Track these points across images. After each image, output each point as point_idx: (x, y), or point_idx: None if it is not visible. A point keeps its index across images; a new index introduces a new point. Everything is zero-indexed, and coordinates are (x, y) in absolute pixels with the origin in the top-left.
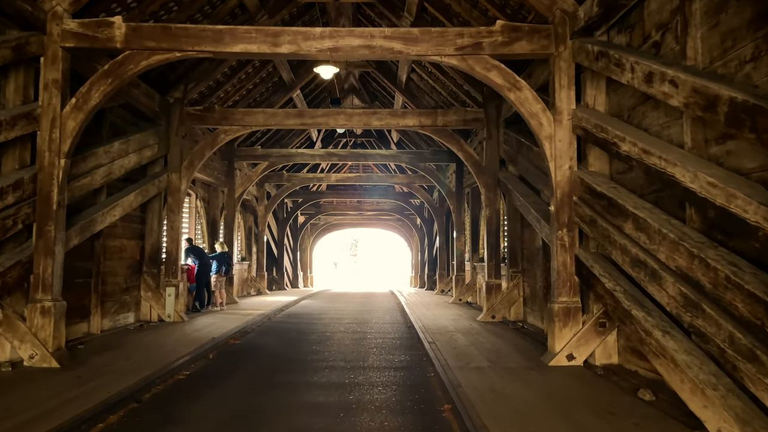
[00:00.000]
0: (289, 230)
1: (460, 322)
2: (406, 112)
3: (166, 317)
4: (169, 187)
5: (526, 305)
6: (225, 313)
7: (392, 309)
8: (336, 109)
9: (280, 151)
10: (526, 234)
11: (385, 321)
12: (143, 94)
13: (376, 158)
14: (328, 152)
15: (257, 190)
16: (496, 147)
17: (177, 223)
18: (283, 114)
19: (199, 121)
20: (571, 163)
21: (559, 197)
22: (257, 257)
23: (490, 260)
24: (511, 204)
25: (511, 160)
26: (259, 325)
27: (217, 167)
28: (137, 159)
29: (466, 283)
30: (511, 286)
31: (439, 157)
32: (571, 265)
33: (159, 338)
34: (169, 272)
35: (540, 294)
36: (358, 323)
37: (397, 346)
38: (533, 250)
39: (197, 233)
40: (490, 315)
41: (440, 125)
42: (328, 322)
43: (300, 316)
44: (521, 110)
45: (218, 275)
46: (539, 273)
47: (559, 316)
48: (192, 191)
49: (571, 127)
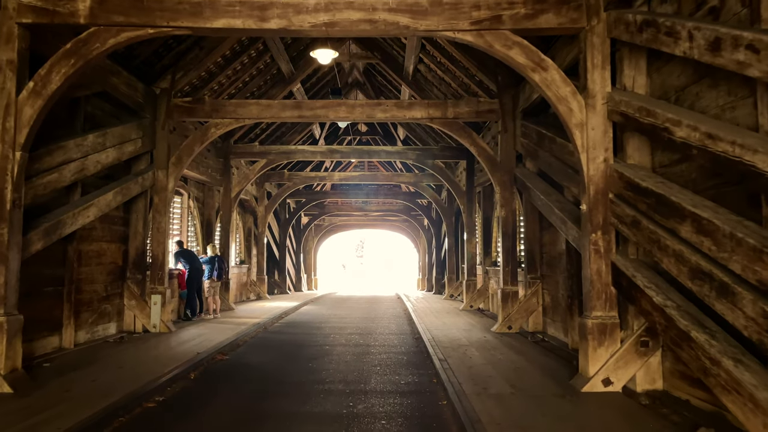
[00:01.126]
0: (292, 231)
1: (473, 334)
2: (413, 103)
3: (151, 327)
4: (155, 186)
5: (545, 315)
6: (218, 321)
7: (398, 316)
8: (337, 100)
9: (279, 147)
10: (545, 236)
11: (391, 331)
12: (124, 83)
13: (382, 155)
14: (330, 149)
15: (257, 189)
16: (512, 141)
17: (164, 224)
18: (279, 106)
19: (188, 114)
20: (607, 154)
21: (593, 195)
22: (257, 260)
23: (505, 265)
24: (529, 203)
25: (530, 154)
26: (253, 336)
27: (212, 165)
28: (117, 154)
29: (477, 288)
30: (528, 294)
31: (449, 153)
32: (606, 273)
33: (138, 353)
34: (155, 278)
35: (563, 303)
36: (362, 334)
37: (404, 364)
38: (554, 255)
39: (190, 236)
40: (506, 325)
41: (451, 117)
42: (329, 333)
43: (299, 325)
44: (547, 94)
45: (211, 281)
46: (562, 280)
47: (594, 334)
48: (184, 190)
49: (606, 112)
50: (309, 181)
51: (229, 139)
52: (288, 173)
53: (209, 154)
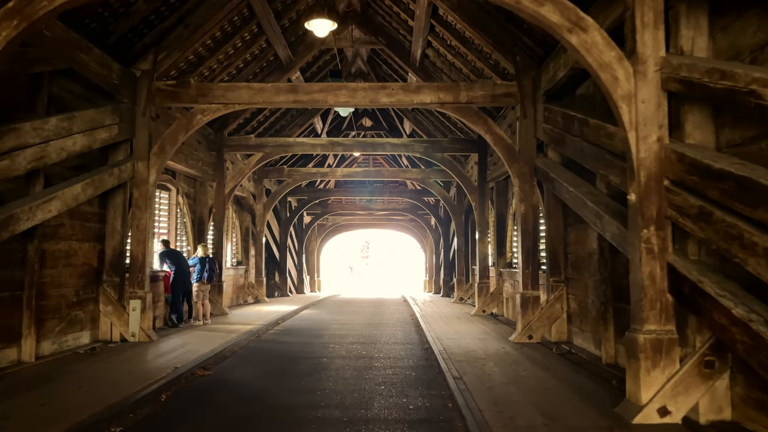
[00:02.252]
0: (294, 231)
1: (489, 343)
2: (421, 86)
3: (129, 336)
4: (134, 178)
5: (571, 323)
6: (207, 328)
7: (405, 322)
8: (337, 83)
9: (276, 140)
10: (571, 234)
11: (397, 340)
12: (95, 62)
13: (387, 148)
14: (331, 141)
15: (254, 186)
16: (532, 128)
17: (144, 221)
18: (272, 89)
19: (172, 99)
20: (661, 132)
21: (644, 181)
22: (255, 261)
23: (525, 267)
24: (552, 197)
25: (555, 141)
26: (243, 346)
27: (203, 158)
28: (87, 141)
29: (490, 291)
30: (551, 300)
31: (459, 146)
32: (662, 278)
33: (107, 368)
34: (135, 281)
35: (593, 311)
36: (365, 343)
37: (412, 382)
38: (582, 255)
39: (179, 235)
40: (525, 334)
41: (464, 102)
42: (328, 342)
43: (296, 333)
44: (587, 60)
45: (200, 283)
46: (592, 284)
47: (646, 352)
48: (172, 185)
49: (660, 81)
50: (310, 178)
51: (222, 131)
52: (288, 169)
53: (200, 147)
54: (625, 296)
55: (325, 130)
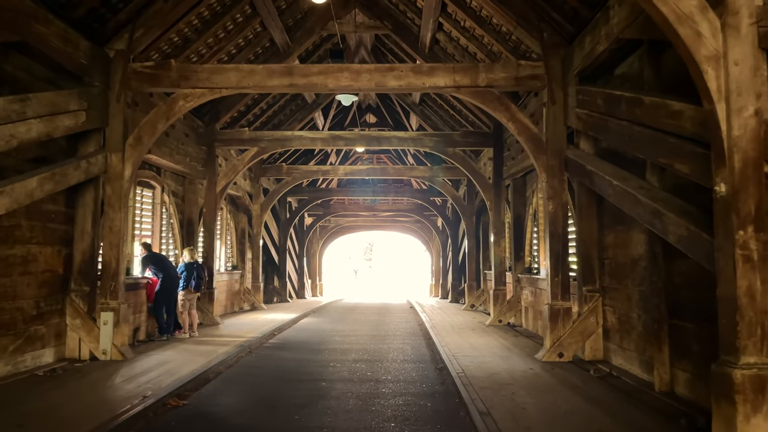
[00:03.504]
0: (294, 233)
1: (513, 362)
2: (435, 67)
3: (100, 354)
4: (107, 173)
5: (608, 339)
6: (193, 341)
7: (413, 333)
8: (338, 65)
9: (273, 134)
10: (608, 237)
11: (406, 356)
12: (57, 36)
13: (393, 142)
14: (332, 135)
15: (251, 185)
16: (561, 115)
17: (118, 222)
18: (264, 72)
19: (150, 82)
20: (760, 104)
21: (739, 168)
22: (251, 265)
23: (554, 274)
24: (584, 195)
25: (594, 128)
26: (231, 364)
27: (192, 153)
28: (45, 128)
29: (507, 299)
30: (585, 312)
31: (472, 140)
32: (764, 294)
33: (62, 397)
34: (106, 291)
35: (639, 326)
36: (370, 361)
37: (429, 417)
38: (624, 261)
39: (166, 237)
40: (555, 352)
41: (483, 85)
42: (328, 360)
43: (292, 347)
44: (660, 10)
45: (186, 291)
46: (638, 295)
47: (744, 392)
48: (156, 182)
49: (757, 36)
50: (311, 176)
51: (213, 124)
52: (287, 167)
53: (188, 140)
54: (687, 312)
55: (327, 126)
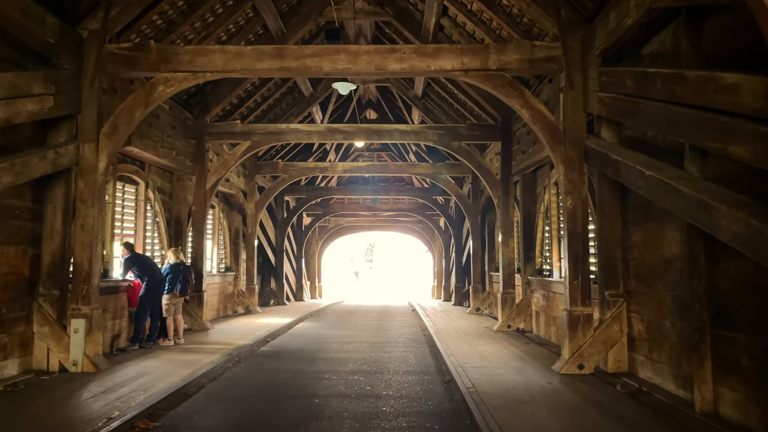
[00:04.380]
0: (292, 233)
1: (528, 375)
2: (441, 48)
3: (70, 365)
4: (79, 165)
5: (634, 350)
6: (179, 349)
7: (416, 340)
8: (334, 46)
9: (266, 126)
10: (635, 235)
11: (409, 367)
12: (17, 10)
13: (395, 135)
14: (330, 128)
15: (245, 182)
16: (581, 100)
17: (92, 220)
18: (252, 54)
19: (127, 65)
20: None
21: None
22: (246, 266)
23: (573, 277)
24: (605, 189)
25: (622, 112)
26: (217, 376)
27: (180, 147)
28: (4, 113)
29: (516, 303)
30: (608, 319)
31: (479, 133)
32: None
33: (13, 416)
34: (78, 295)
35: (673, 337)
36: (369, 373)
37: None
38: (653, 262)
39: (151, 237)
40: (575, 363)
41: (493, 68)
42: (324, 370)
43: (286, 355)
44: None
45: (171, 295)
46: (672, 300)
47: None
48: (139, 178)
49: None
50: (308, 173)
51: (203, 117)
52: (283, 163)
53: (174, 133)
54: (736, 321)
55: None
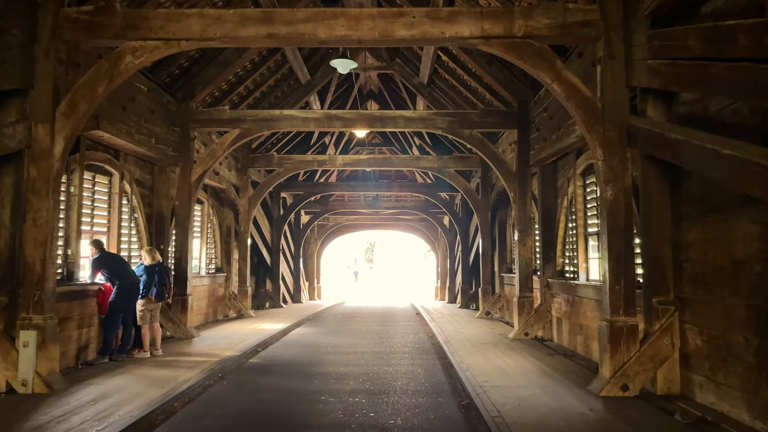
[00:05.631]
0: (289, 232)
1: (562, 397)
2: (457, 12)
3: (19, 385)
4: (31, 149)
5: (689, 368)
6: (153, 363)
7: (424, 349)
8: (331, 9)
9: (258, 113)
10: (692, 232)
11: (419, 386)
12: None
13: (399, 123)
14: (327, 114)
15: (237, 176)
16: (623, 73)
17: (46, 213)
18: (235, 18)
19: (89, 32)
20: None
21: None
22: (238, 267)
23: (614, 281)
24: (653, 176)
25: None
26: (191, 398)
27: (161, 134)
28: None
29: (534, 308)
30: (656, 331)
31: (492, 120)
32: None
33: None
34: (29, 302)
35: (748, 355)
36: (372, 392)
37: None
38: (720, 264)
39: (128, 235)
40: (618, 384)
41: (519, 35)
42: (320, 391)
43: (276, 370)
44: None
45: (146, 300)
46: (746, 312)
47: None
48: (113, 168)
49: None
50: (305, 167)
51: (187, 102)
52: (278, 156)
53: (154, 118)
54: None
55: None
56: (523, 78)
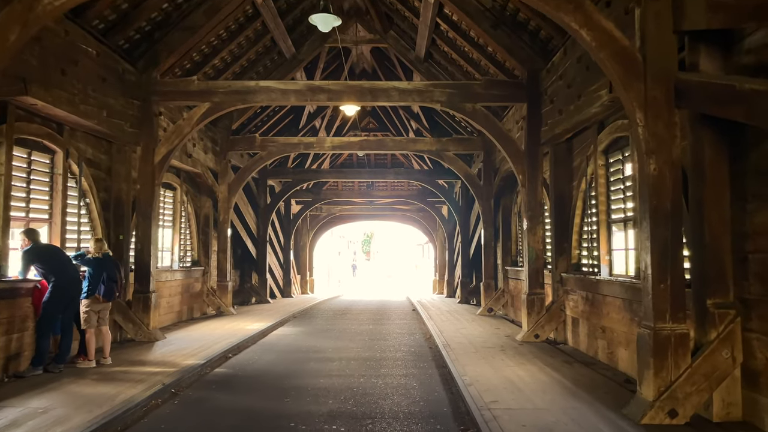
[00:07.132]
0: (278, 222)
1: (591, 424)
2: None
3: None
4: None
5: (756, 388)
6: (95, 375)
7: (421, 356)
8: None
9: (231, 84)
10: (758, 216)
11: (414, 407)
12: None
13: (393, 95)
14: (310, 86)
15: (215, 160)
16: (669, 15)
17: None
18: None
19: None
20: None
21: None
22: (218, 260)
23: (659, 278)
24: (708, 147)
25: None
26: (130, 424)
27: (116, 107)
28: None
29: (545, 306)
30: (713, 342)
31: (498, 92)
32: None
33: None
34: None
35: None
36: (356, 417)
37: None
38: None
39: (74, 223)
40: (664, 409)
41: None
42: (290, 413)
43: (242, 384)
44: None
45: (92, 300)
46: None
47: None
48: (56, 145)
49: None
50: (290, 150)
51: (150, 71)
52: (260, 138)
53: (106, 88)
54: None
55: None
56: (533, 43)
